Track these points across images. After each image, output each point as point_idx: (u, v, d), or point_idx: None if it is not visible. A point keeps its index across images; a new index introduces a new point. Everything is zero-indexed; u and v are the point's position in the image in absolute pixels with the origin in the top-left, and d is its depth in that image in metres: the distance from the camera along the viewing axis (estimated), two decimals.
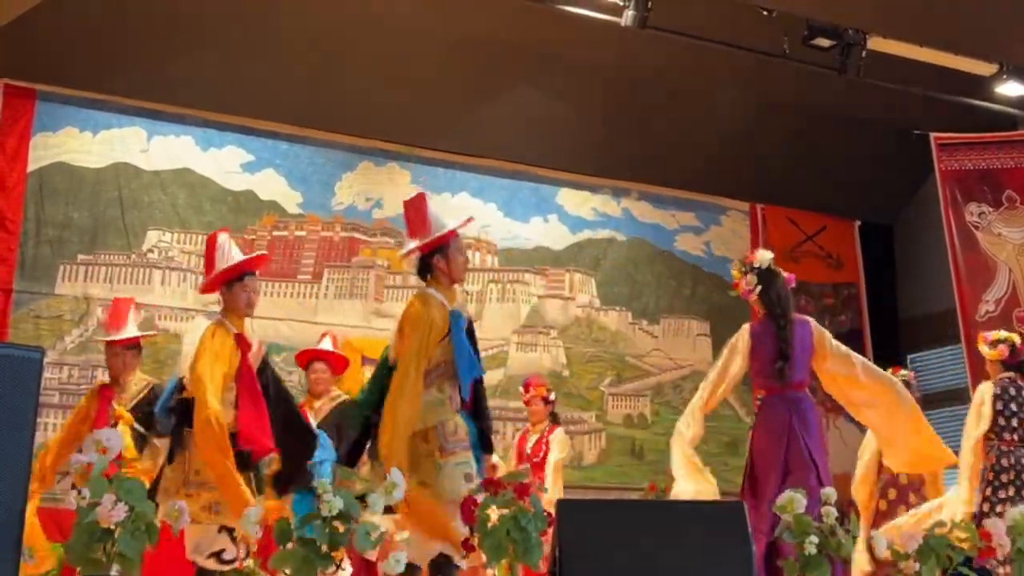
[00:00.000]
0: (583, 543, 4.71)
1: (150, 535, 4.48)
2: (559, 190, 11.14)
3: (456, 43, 9.74)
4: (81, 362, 8.84)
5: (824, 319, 11.65)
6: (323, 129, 10.16)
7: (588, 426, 10.55)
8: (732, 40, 9.22)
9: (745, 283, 6.44)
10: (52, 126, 9.17)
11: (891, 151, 11.16)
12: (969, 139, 9.65)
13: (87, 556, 4.38)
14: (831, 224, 12.11)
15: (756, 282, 6.41)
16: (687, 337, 11.40)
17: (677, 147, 10.92)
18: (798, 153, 11.20)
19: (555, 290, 10.90)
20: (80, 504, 4.41)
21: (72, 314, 8.94)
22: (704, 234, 11.72)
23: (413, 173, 10.53)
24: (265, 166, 9.94)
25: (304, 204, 10.04)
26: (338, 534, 4.58)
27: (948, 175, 9.53)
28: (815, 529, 5.12)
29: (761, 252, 6.54)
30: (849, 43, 9.06)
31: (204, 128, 9.76)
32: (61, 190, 9.13)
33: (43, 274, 8.93)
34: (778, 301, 6.40)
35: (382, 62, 9.69)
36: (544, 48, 9.78)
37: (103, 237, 9.22)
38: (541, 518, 4.71)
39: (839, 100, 10.37)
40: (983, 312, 9.15)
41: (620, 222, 11.37)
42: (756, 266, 6.45)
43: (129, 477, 4.53)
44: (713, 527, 5.00)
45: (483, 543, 4.70)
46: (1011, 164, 9.48)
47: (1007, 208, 9.38)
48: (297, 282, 9.81)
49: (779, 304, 6.38)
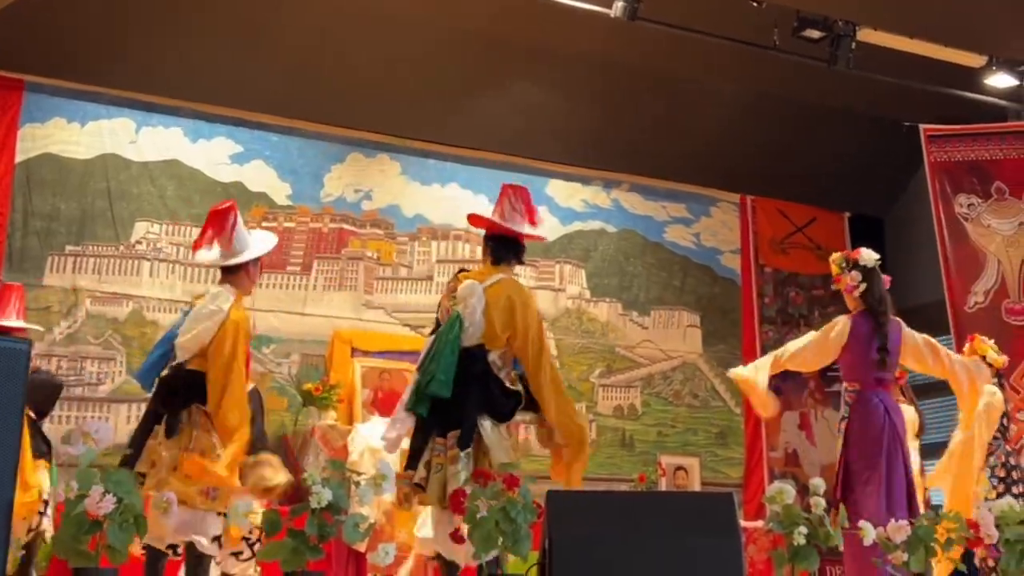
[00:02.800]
0: (573, 534, 4.72)
1: (138, 527, 4.48)
2: (549, 181, 11.13)
3: (446, 35, 9.72)
4: (70, 353, 8.82)
5: (814, 310, 11.72)
6: (312, 121, 10.14)
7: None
8: (722, 32, 9.21)
9: (850, 279, 6.56)
10: (40, 117, 9.13)
11: (881, 143, 11.16)
12: (959, 131, 9.66)
13: (75, 548, 4.38)
14: (821, 216, 12.12)
15: (861, 279, 6.52)
16: (677, 328, 11.41)
17: (667, 139, 10.92)
18: (788, 145, 11.21)
19: (545, 281, 10.90)
20: (68, 496, 4.40)
21: (60, 305, 8.91)
22: (694, 225, 11.72)
23: (403, 164, 10.51)
24: (254, 157, 9.92)
25: (293, 196, 10.02)
26: (327, 526, 4.58)
27: (937, 167, 9.53)
28: (804, 520, 5.14)
29: (866, 251, 6.69)
30: (839, 35, 9.07)
31: (193, 120, 9.73)
32: (49, 181, 9.09)
33: (31, 265, 8.90)
34: (881, 299, 6.53)
35: (372, 54, 9.67)
36: (534, 40, 9.77)
37: (91, 228, 9.19)
38: (530, 509, 4.71)
39: (829, 92, 10.37)
40: (972, 303, 9.17)
41: (610, 213, 11.37)
42: (862, 264, 6.57)
43: (118, 469, 4.53)
44: (702, 518, 5.01)
45: (472, 534, 4.71)
46: (1000, 156, 9.48)
47: (996, 200, 9.38)
48: (286, 274, 9.79)
49: (882, 303, 6.53)
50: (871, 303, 6.55)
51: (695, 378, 11.34)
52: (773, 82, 10.38)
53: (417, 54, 9.79)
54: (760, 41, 9.21)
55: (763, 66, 9.74)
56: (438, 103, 10.20)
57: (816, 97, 10.66)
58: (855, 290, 6.57)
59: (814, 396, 11.19)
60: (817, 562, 5.19)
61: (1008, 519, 5.57)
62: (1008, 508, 5.61)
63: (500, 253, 5.81)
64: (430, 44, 9.76)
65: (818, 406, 11.29)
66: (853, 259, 6.66)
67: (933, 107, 10.12)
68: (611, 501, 5.48)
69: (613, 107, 10.69)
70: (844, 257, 6.74)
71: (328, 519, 4.58)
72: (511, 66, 10.17)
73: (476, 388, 5.44)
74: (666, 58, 9.92)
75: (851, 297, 6.62)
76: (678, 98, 10.77)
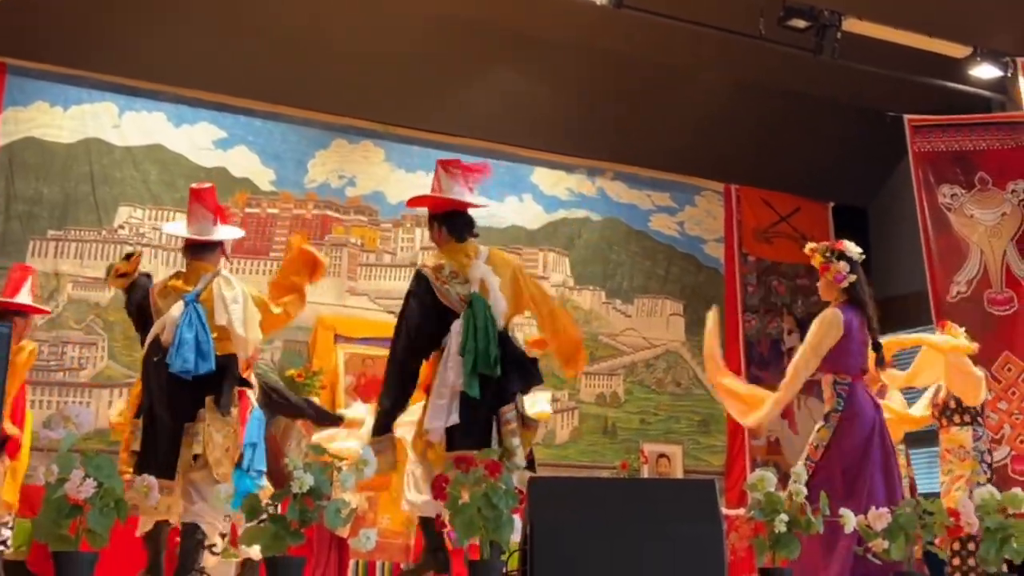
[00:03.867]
0: (554, 521, 4.72)
1: (119, 511, 4.46)
2: (534, 169, 11.13)
3: (432, 21, 9.70)
4: (51, 338, 8.78)
5: (797, 299, 11.76)
6: (297, 106, 10.11)
7: (561, 404, 10.55)
8: (708, 20, 9.20)
9: (840, 269, 6.59)
10: (23, 101, 9.09)
11: (865, 133, 11.18)
12: (943, 121, 9.67)
13: (55, 532, 4.36)
14: (804, 206, 12.15)
15: (850, 270, 6.57)
16: (660, 317, 11.42)
17: (652, 127, 10.92)
18: (773, 134, 11.22)
19: (529, 269, 10.81)
20: (48, 480, 4.39)
21: (42, 290, 8.83)
22: (678, 214, 11.73)
23: (387, 151, 10.50)
24: (238, 143, 9.89)
25: (277, 181, 9.99)
26: (309, 511, 4.57)
27: (921, 157, 9.54)
28: (784, 507, 5.16)
29: (850, 243, 6.73)
30: (824, 24, 9.07)
31: (177, 104, 9.69)
32: (32, 165, 9.05)
33: (13, 249, 8.87)
34: (865, 291, 6.64)
35: (357, 40, 9.64)
36: (520, 27, 9.75)
37: (74, 213, 9.16)
38: (512, 495, 4.71)
39: (814, 82, 10.38)
40: (955, 293, 9.19)
41: (595, 202, 11.37)
42: (849, 256, 6.60)
43: (98, 454, 4.51)
44: (684, 505, 5.02)
45: (454, 520, 4.71)
46: (984, 146, 9.50)
47: (979, 190, 9.40)
48: (270, 259, 9.75)
49: (865, 294, 6.59)
50: (858, 295, 6.60)
51: (678, 366, 11.36)
52: (758, 71, 10.38)
53: (402, 41, 9.76)
54: (746, 30, 9.20)
55: (748, 55, 9.75)
56: (423, 90, 10.17)
57: (801, 87, 10.67)
58: (844, 281, 6.59)
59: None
60: (798, 549, 5.20)
61: (988, 507, 5.59)
62: (989, 496, 5.64)
63: (459, 229, 5.91)
64: (415, 31, 9.74)
65: (801, 395, 11.30)
66: (839, 250, 6.68)
67: (918, 97, 10.14)
68: (593, 488, 5.50)
69: (598, 95, 10.68)
70: (828, 248, 6.76)
71: (310, 504, 4.57)
72: (497, 53, 10.16)
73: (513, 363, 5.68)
74: (652, 46, 9.91)
75: (835, 288, 6.64)
76: (663, 87, 10.77)
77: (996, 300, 9.14)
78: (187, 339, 5.70)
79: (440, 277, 5.71)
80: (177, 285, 6.01)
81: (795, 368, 6.64)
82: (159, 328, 5.85)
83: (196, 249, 6.07)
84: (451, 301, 5.68)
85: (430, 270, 5.77)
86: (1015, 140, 9.45)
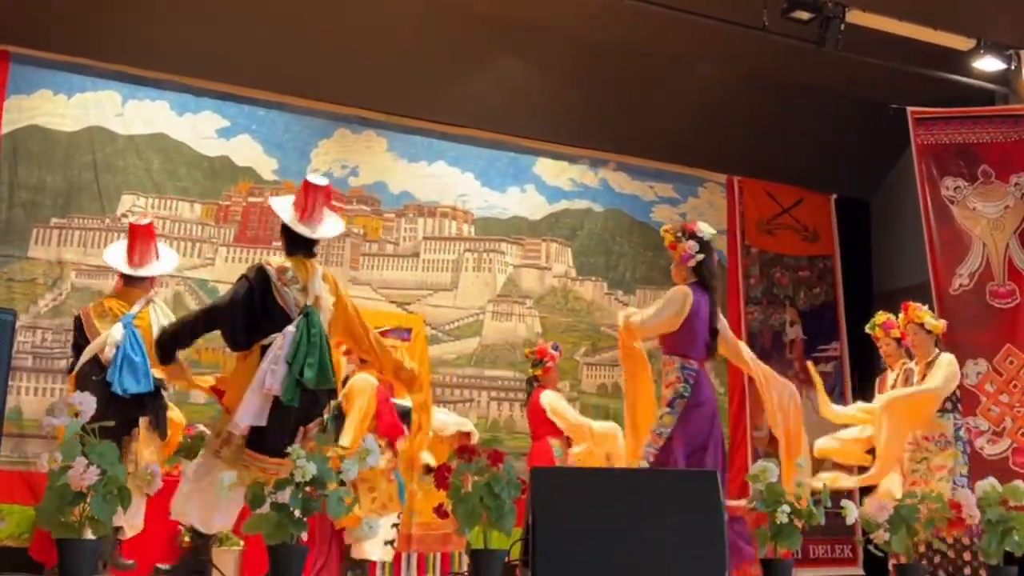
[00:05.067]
0: (556, 510, 4.74)
1: (122, 499, 4.47)
2: (537, 160, 11.12)
3: (435, 11, 9.69)
4: (55, 326, 8.79)
5: (799, 291, 11.74)
6: (300, 96, 10.10)
7: (563, 395, 10.54)
8: (711, 12, 9.20)
9: (687, 248, 6.51)
10: (26, 89, 9.07)
11: (868, 125, 11.16)
12: (946, 114, 9.67)
13: (58, 519, 4.38)
14: (807, 197, 12.14)
15: (699, 250, 6.48)
16: None
17: (655, 118, 10.91)
18: (776, 126, 11.20)
19: (531, 260, 10.90)
20: (51, 467, 4.40)
21: (45, 278, 8.88)
22: (681, 206, 11.72)
23: (390, 141, 10.48)
24: (241, 132, 9.87)
25: (280, 171, 9.98)
26: (311, 500, 4.58)
27: (924, 149, 9.55)
28: (787, 499, 5.17)
29: (704, 224, 6.67)
30: (828, 16, 9.06)
31: (180, 93, 9.68)
32: (35, 153, 9.04)
33: (16, 237, 8.87)
34: (713, 274, 6.52)
35: (360, 29, 9.63)
36: (524, 18, 9.73)
37: (77, 201, 9.15)
38: (515, 485, 4.72)
39: (817, 73, 10.37)
40: (957, 286, 9.19)
41: (597, 192, 11.36)
42: (699, 235, 6.53)
43: (101, 441, 4.52)
44: (685, 495, 5.03)
45: (457, 510, 4.72)
46: (987, 139, 9.50)
47: (982, 183, 9.41)
48: (272, 249, 9.74)
49: (713, 276, 6.50)
50: (705, 275, 6.52)
51: None
52: (762, 63, 10.37)
53: (405, 31, 9.76)
54: (749, 21, 9.20)
55: (752, 46, 9.73)
56: (426, 80, 10.17)
57: (805, 78, 10.65)
58: (691, 260, 6.53)
59: (799, 377, 11.21)
60: (799, 541, 5.22)
61: (989, 500, 5.61)
62: (990, 489, 5.65)
63: (293, 246, 6.08)
64: (419, 20, 9.73)
65: (803, 387, 11.31)
66: (690, 230, 6.63)
67: (921, 90, 10.12)
68: (595, 478, 5.51)
69: (602, 86, 10.67)
70: (680, 227, 6.73)
71: (312, 493, 4.58)
72: (500, 44, 10.15)
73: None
74: (656, 37, 9.90)
75: (684, 267, 6.59)
76: (667, 78, 10.76)
77: (998, 293, 9.14)
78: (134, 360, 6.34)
79: (282, 278, 5.86)
80: (113, 307, 6.68)
81: (640, 314, 6.68)
82: (99, 347, 6.41)
83: (131, 277, 6.89)
84: (287, 303, 5.81)
85: (273, 269, 5.93)
86: (1018, 133, 9.45)
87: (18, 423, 8.33)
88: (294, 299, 5.81)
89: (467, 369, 10.34)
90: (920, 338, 7.59)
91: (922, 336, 7.57)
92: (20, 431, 8.28)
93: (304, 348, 5.63)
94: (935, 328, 7.55)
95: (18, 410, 8.42)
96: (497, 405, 10.29)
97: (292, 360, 5.63)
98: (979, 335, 8.18)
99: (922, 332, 7.55)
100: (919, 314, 7.55)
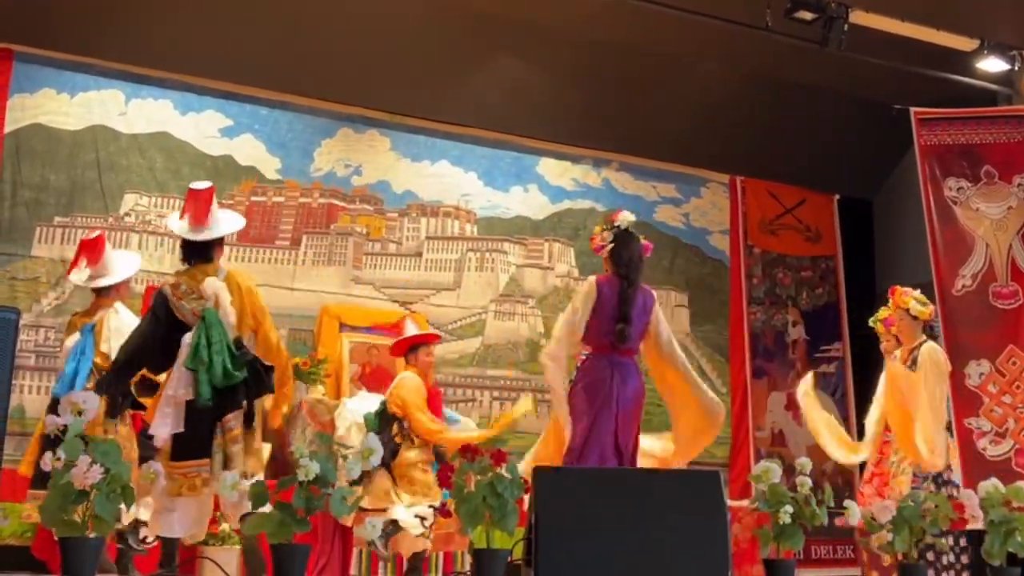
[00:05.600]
0: (559, 510, 4.73)
1: (125, 497, 4.48)
2: (540, 160, 11.13)
3: (439, 11, 9.69)
4: (57, 324, 8.78)
5: (801, 292, 11.74)
6: (303, 95, 10.10)
7: None
8: (714, 12, 9.20)
9: (600, 239, 6.48)
10: (29, 87, 9.08)
11: (871, 125, 11.16)
12: (949, 114, 9.64)
13: (61, 517, 4.38)
14: (810, 198, 12.14)
15: (611, 239, 6.42)
16: (665, 308, 11.36)
17: (658, 119, 10.91)
18: (779, 126, 11.20)
19: (534, 259, 10.90)
20: (55, 466, 4.40)
21: (48, 276, 8.89)
22: (684, 206, 11.72)
23: (392, 140, 10.49)
24: (244, 131, 9.88)
25: (283, 170, 9.99)
26: (314, 498, 4.59)
27: (928, 150, 9.52)
28: (790, 499, 5.16)
29: (624, 213, 6.59)
30: (831, 16, 9.06)
31: (183, 92, 9.69)
32: (38, 152, 9.05)
33: (19, 236, 8.88)
34: (627, 263, 6.41)
35: (364, 29, 9.63)
36: (527, 18, 9.74)
37: (80, 200, 9.16)
38: (517, 484, 4.72)
39: (820, 74, 10.37)
40: (960, 286, 9.17)
41: (600, 192, 11.36)
42: (616, 225, 6.47)
43: (105, 439, 4.52)
44: (689, 496, 5.03)
45: (459, 509, 4.72)
46: (990, 140, 9.48)
47: (985, 183, 9.38)
48: (275, 248, 9.77)
49: (626, 265, 6.40)
50: (617, 265, 6.42)
51: None
52: (764, 63, 10.37)
53: (408, 30, 9.76)
54: (752, 21, 9.20)
55: (755, 46, 9.73)
56: (429, 80, 10.17)
57: (808, 79, 10.65)
58: (603, 250, 6.48)
59: (801, 376, 11.21)
60: (802, 541, 5.22)
61: (992, 501, 5.60)
62: (993, 490, 5.64)
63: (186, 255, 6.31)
64: (421, 20, 9.73)
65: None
66: (611, 220, 6.57)
67: (924, 90, 10.12)
68: (598, 478, 5.50)
69: (604, 86, 10.67)
70: (605, 219, 6.68)
71: (315, 492, 4.59)
72: (502, 44, 10.15)
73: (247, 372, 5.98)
74: (659, 37, 9.90)
75: (605, 260, 6.55)
76: (670, 78, 10.76)
77: (1001, 294, 9.12)
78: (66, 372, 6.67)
79: (176, 293, 6.08)
80: (76, 321, 7.04)
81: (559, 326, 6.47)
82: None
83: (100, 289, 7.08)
84: (184, 315, 6.02)
85: (169, 287, 6.16)
86: (1021, 134, 9.42)
87: (21, 422, 8.34)
88: (190, 310, 6.00)
89: (469, 369, 10.35)
90: (906, 323, 7.49)
91: (908, 321, 7.47)
92: (23, 430, 8.27)
93: (204, 350, 5.78)
94: (921, 314, 7.47)
95: (21, 409, 8.43)
96: (499, 405, 10.28)
97: (193, 364, 5.77)
98: (982, 336, 8.14)
99: (907, 318, 7.45)
100: (905, 299, 7.47)
